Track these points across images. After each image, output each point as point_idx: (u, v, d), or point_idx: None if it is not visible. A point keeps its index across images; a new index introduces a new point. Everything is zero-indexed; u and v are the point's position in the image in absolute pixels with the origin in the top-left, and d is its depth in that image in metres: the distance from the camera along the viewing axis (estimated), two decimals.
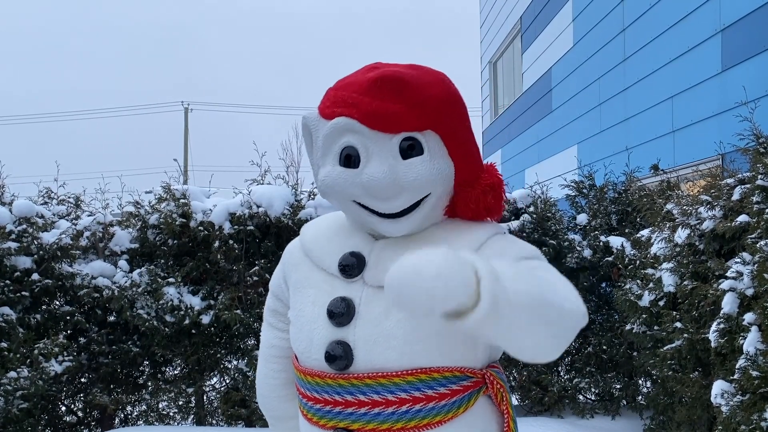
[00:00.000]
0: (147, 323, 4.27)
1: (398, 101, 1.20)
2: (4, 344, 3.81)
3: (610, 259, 4.69)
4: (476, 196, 1.28)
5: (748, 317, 2.71)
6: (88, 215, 4.84)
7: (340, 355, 1.23)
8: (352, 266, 1.27)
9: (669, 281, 3.44)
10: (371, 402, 1.22)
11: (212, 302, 4.47)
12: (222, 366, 4.77)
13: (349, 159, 1.23)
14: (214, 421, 4.83)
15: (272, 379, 1.52)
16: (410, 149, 1.22)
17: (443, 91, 1.27)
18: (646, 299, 3.64)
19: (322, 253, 1.34)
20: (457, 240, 1.26)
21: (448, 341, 1.22)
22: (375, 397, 1.22)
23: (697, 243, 3.36)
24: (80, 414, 4.72)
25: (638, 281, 3.83)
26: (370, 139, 1.21)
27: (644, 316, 3.70)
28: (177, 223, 4.52)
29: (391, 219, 1.24)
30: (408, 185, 1.20)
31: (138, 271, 4.42)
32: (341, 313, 1.24)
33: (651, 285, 3.63)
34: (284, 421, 1.55)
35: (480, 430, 1.27)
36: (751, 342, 2.64)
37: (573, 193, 5.44)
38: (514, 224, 4.91)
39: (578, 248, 4.91)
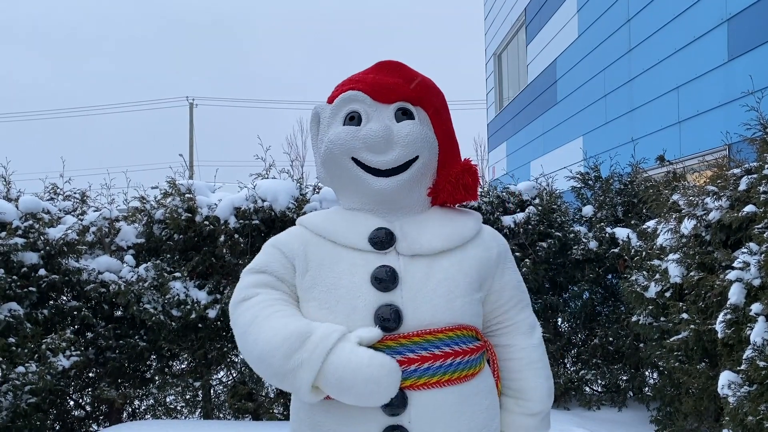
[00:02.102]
0: (153, 318, 4.28)
1: (396, 76, 1.48)
2: (12, 339, 3.83)
3: (616, 250, 4.68)
4: (456, 174, 1.48)
5: (755, 307, 2.70)
6: (94, 211, 4.85)
7: (390, 317, 1.35)
8: (383, 239, 1.42)
9: (675, 272, 3.43)
10: (420, 358, 1.35)
11: (218, 296, 4.48)
12: (229, 360, 4.79)
13: (352, 120, 1.45)
14: (221, 415, 4.85)
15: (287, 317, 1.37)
16: (403, 114, 1.46)
17: (431, 81, 1.55)
18: (653, 290, 3.63)
19: (346, 232, 1.45)
20: (452, 224, 1.48)
21: (473, 300, 1.44)
22: (423, 353, 1.35)
23: (703, 234, 3.34)
24: (88, 408, 4.74)
25: (644, 272, 3.82)
26: (371, 107, 1.45)
27: (650, 307, 3.69)
28: (182, 217, 4.53)
29: (383, 176, 1.43)
30: (400, 140, 1.42)
31: (144, 266, 4.44)
32: (387, 278, 1.37)
33: (657, 276, 3.62)
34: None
35: (491, 386, 1.48)
36: (758, 332, 2.63)
37: (578, 185, 5.42)
38: (519, 216, 4.90)
39: (584, 240, 4.90)
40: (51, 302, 4.31)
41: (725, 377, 2.78)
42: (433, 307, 1.37)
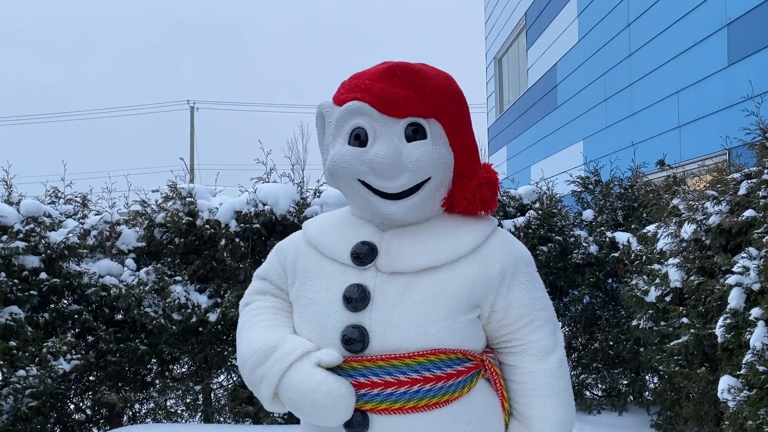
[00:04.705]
0: (154, 321, 4.28)
1: (407, 87, 1.30)
2: (13, 343, 3.83)
3: (616, 254, 4.68)
4: (473, 188, 1.37)
5: (755, 312, 2.70)
6: (95, 214, 4.85)
7: (356, 339, 1.29)
8: (364, 254, 1.34)
9: (675, 276, 3.43)
10: (384, 383, 1.28)
11: (219, 300, 4.48)
12: (229, 363, 4.79)
13: (358, 138, 1.32)
14: (221, 419, 4.85)
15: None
16: (414, 133, 1.31)
17: (449, 85, 1.37)
18: (653, 295, 3.63)
19: (333, 244, 1.39)
20: (447, 238, 1.35)
21: (456, 324, 1.31)
22: (387, 378, 1.28)
23: (703, 238, 3.35)
24: (89, 412, 4.74)
25: (644, 277, 3.82)
26: (379, 122, 1.30)
27: (651, 311, 3.69)
28: (183, 221, 4.53)
29: (392, 200, 1.32)
30: (410, 165, 1.29)
31: (145, 269, 4.44)
32: (357, 298, 1.31)
33: (657, 280, 3.63)
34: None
35: (482, 408, 1.36)
36: (757, 337, 2.64)
37: (579, 189, 5.43)
38: (520, 220, 4.90)
39: (584, 244, 4.91)
40: (52, 306, 4.31)
41: (725, 381, 2.78)
42: (401, 332, 1.28)
